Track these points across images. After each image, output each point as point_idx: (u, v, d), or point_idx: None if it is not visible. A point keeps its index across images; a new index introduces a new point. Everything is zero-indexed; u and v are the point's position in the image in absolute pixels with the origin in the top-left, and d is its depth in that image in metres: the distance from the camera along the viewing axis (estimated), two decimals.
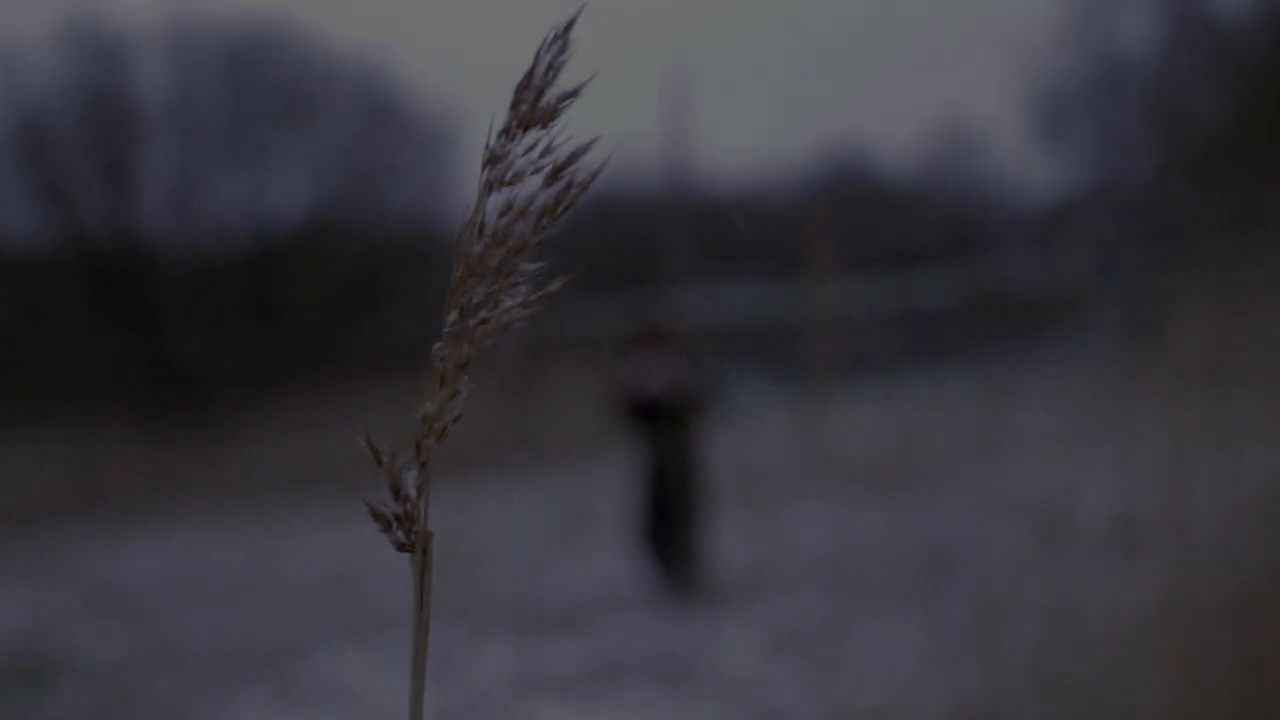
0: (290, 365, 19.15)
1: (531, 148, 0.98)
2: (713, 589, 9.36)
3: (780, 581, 9.44)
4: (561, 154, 0.97)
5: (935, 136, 38.09)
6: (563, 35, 0.98)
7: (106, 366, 19.20)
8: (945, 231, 28.29)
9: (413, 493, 0.98)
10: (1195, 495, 5.31)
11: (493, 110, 1.00)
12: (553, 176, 0.97)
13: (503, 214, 0.97)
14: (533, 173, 0.97)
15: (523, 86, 0.98)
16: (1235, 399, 6.01)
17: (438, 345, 0.98)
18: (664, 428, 9.27)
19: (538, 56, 0.98)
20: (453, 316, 0.97)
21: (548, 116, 0.98)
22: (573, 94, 0.98)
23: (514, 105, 0.98)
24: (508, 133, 0.98)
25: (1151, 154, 25.57)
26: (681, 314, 11.98)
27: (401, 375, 18.48)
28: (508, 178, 0.97)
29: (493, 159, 0.98)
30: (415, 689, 0.98)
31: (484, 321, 0.97)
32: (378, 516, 0.99)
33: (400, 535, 0.98)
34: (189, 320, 20.16)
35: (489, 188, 0.97)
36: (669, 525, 9.30)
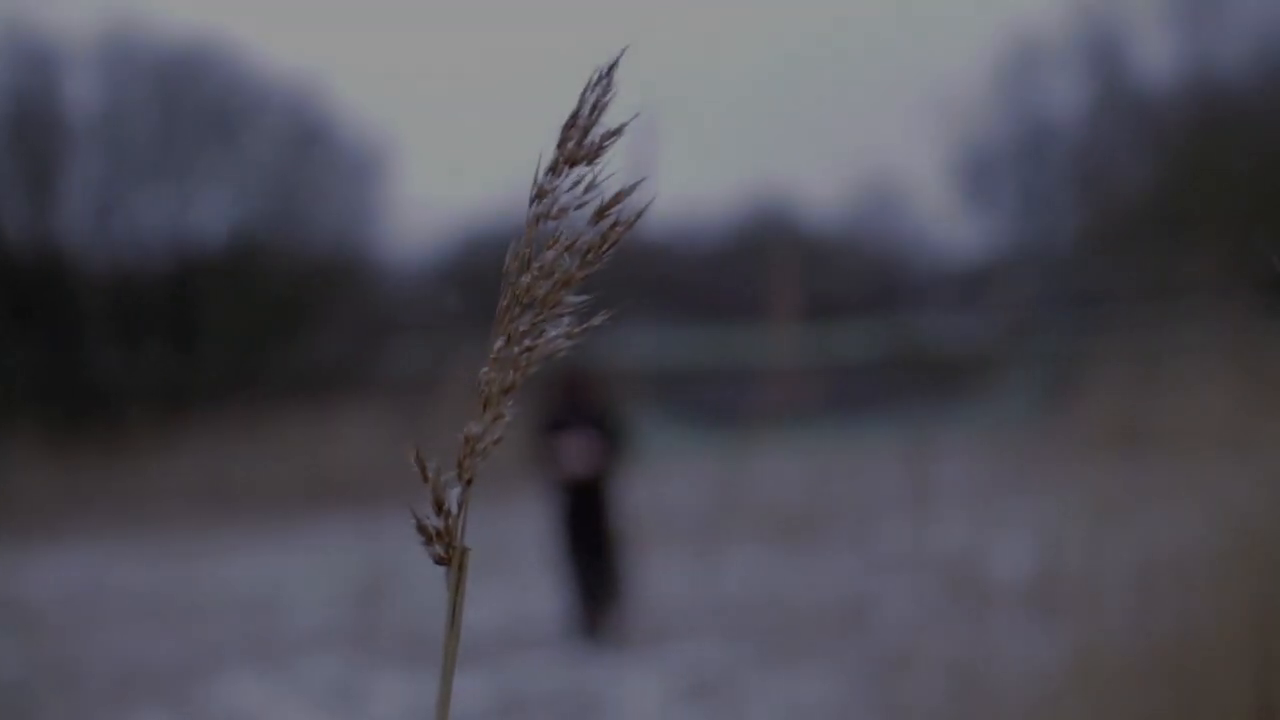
0: (207, 386, 18.98)
1: (576, 184, 1.02)
2: (622, 631, 9.33)
3: (690, 627, 9.43)
4: (606, 192, 1.02)
5: (860, 189, 38.37)
6: (607, 75, 1.02)
7: (19, 378, 18.95)
8: (867, 284, 28.48)
9: (455, 509, 1.03)
10: (1106, 558, 5.36)
11: (422, 141, 1.02)
12: (598, 215, 1.02)
13: (549, 247, 1.02)
14: (577, 208, 1.02)
15: (568, 125, 1.02)
16: (1149, 464, 6.08)
17: (483, 369, 1.02)
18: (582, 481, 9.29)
19: (583, 95, 1.02)
20: (499, 343, 1.02)
21: (592, 154, 1.02)
22: (616, 133, 1.02)
23: (560, 143, 1.02)
24: (554, 169, 1.02)
25: (1073, 219, 25.88)
26: (605, 355, 11.98)
27: (319, 401, 18.38)
28: (553, 212, 1.02)
29: (540, 194, 1.02)
30: (443, 696, 1.03)
31: (529, 349, 1.02)
32: (421, 529, 1.02)
33: (439, 549, 1.02)
34: (106, 336, 19.95)
35: (536, 221, 1.02)
36: (586, 565, 9.28)
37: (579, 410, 9.30)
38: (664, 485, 14.42)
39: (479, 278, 29.17)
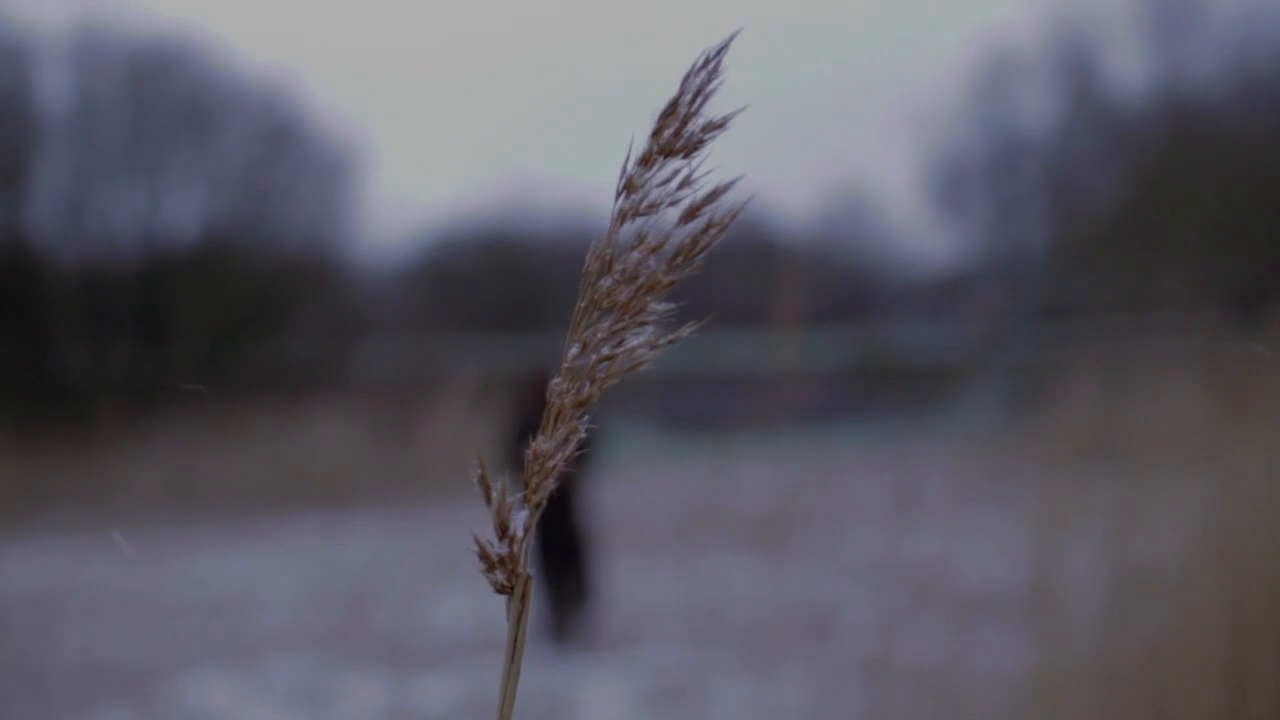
0: (175, 384, 18.91)
1: (670, 178, 0.92)
2: (589, 635, 9.34)
3: (657, 632, 9.44)
4: (702, 189, 0.91)
5: (832, 199, 38.46)
6: (714, 60, 0.91)
7: None
8: (838, 293, 28.54)
9: (520, 533, 0.93)
10: (1076, 568, 5.38)
11: (394, 139, 0.96)
12: (690, 213, 0.91)
13: (635, 248, 0.92)
14: (669, 204, 0.91)
15: (666, 113, 0.91)
16: (1118, 475, 6.11)
17: (555, 380, 0.94)
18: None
19: (685, 82, 0.91)
20: (573, 351, 0.93)
21: (690, 147, 0.91)
22: (719, 125, 0.92)
23: (655, 132, 0.91)
24: (647, 161, 0.91)
25: (1045, 230, 25.99)
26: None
27: (287, 400, 18.32)
28: (642, 207, 0.91)
29: (629, 186, 0.92)
30: None
31: (607, 359, 0.93)
32: (483, 556, 0.93)
33: (500, 577, 0.92)
34: (76, 332, 19.87)
35: (622, 217, 0.91)
36: (557, 568, 9.27)
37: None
38: (636, 490, 14.42)
39: (450, 277, 29.15)
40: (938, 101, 34.31)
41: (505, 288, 28.58)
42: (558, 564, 9.28)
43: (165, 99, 21.70)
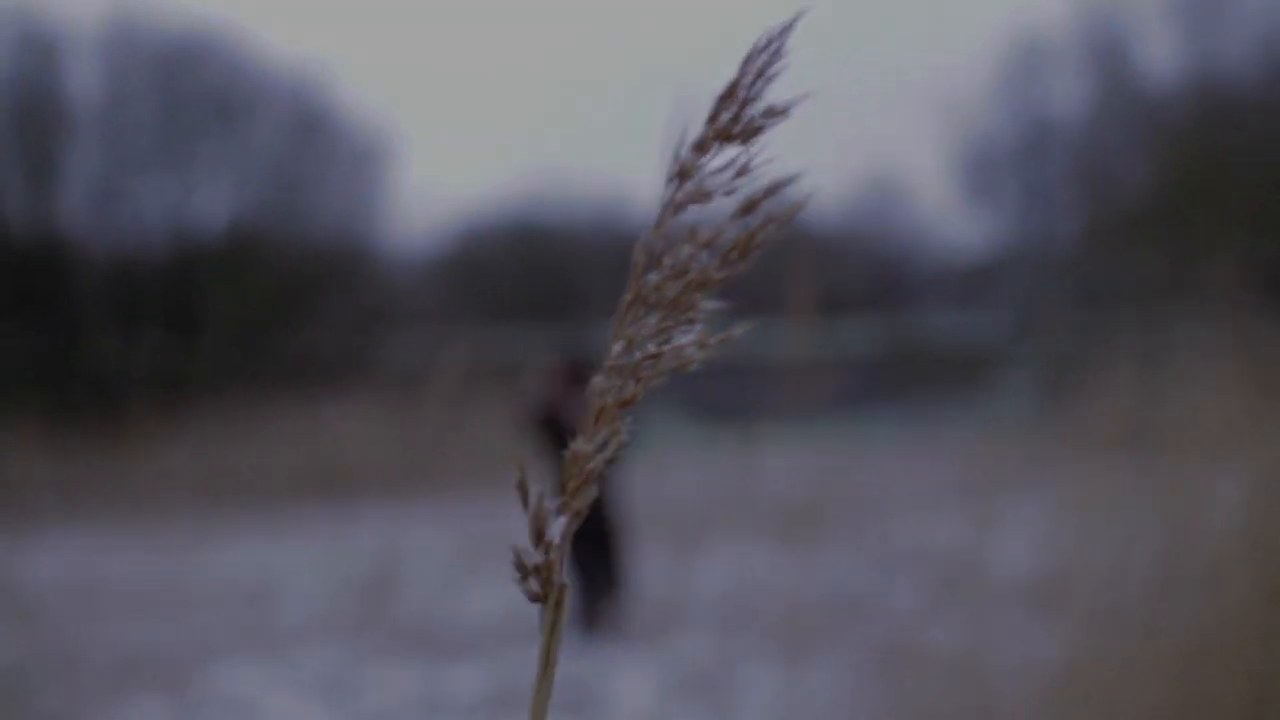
0: (206, 374, 18.97)
1: (726, 166, 0.86)
2: (619, 624, 9.33)
3: (687, 620, 9.42)
4: (760, 180, 0.85)
5: (863, 186, 38.36)
6: (778, 40, 0.86)
7: (18, 365, 18.94)
8: (869, 281, 28.48)
9: (556, 540, 0.89)
10: (1107, 557, 5.35)
11: (423, 130, 0.90)
12: (747, 207, 0.85)
13: (686, 241, 0.85)
14: (725, 194, 0.85)
15: (724, 96, 0.86)
16: (1150, 464, 6.06)
17: (598, 378, 0.87)
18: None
19: (746, 63, 0.85)
20: (617, 348, 0.87)
21: (749, 133, 0.85)
22: (782, 111, 0.86)
23: (712, 116, 0.86)
24: (702, 146, 0.86)
25: (1076, 217, 25.86)
26: (605, 349, 11.93)
27: (317, 390, 18.36)
28: (695, 196, 0.85)
29: (682, 173, 0.86)
30: None
31: (653, 357, 0.87)
32: (519, 565, 0.88)
33: (534, 585, 0.88)
34: (106, 323, 19.93)
35: (674, 207, 0.85)
36: (586, 558, 9.27)
37: (576, 402, 9.28)
38: (667, 479, 14.40)
39: (478, 267, 29.17)
40: (968, 88, 34.19)
41: (533, 278, 28.59)
42: (588, 553, 9.27)
43: (195, 91, 21.76)
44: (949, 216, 36.92)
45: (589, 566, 9.28)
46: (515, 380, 14.43)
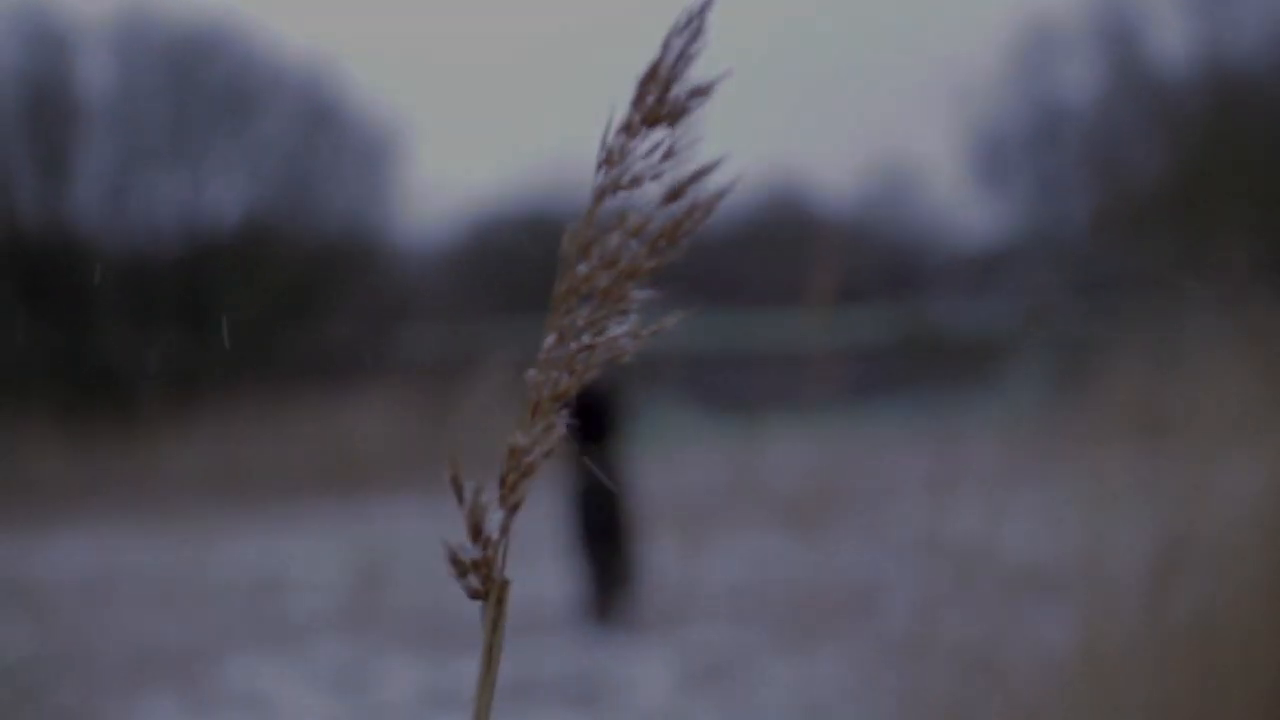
0: (219, 369, 18.98)
1: (654, 149, 0.85)
2: (632, 615, 9.32)
3: (700, 611, 9.41)
4: (685, 165, 0.85)
5: (874, 174, 38.29)
6: (697, 18, 0.85)
7: (31, 360, 18.96)
8: (880, 269, 28.43)
9: (495, 535, 0.87)
10: (1116, 545, 5.33)
11: (435, 123, 0.90)
12: (673, 194, 0.84)
13: (614, 229, 0.85)
14: (652, 178, 0.85)
15: (647, 77, 0.85)
16: (1164, 450, 6.04)
17: (531, 371, 0.87)
18: (589, 444, 9.20)
19: (667, 43, 0.85)
20: (549, 341, 0.87)
21: (675, 114, 0.85)
22: (704, 91, 0.85)
23: (637, 99, 0.85)
24: (629, 129, 0.85)
25: (1088, 204, 25.80)
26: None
27: (330, 384, 18.37)
28: (625, 181, 0.85)
29: (609, 159, 0.85)
30: None
31: (587, 349, 0.87)
32: (454, 561, 0.87)
33: (474, 582, 0.87)
34: (119, 318, 19.95)
35: (602, 193, 0.85)
36: (598, 548, 9.26)
37: (583, 393, 9.26)
38: (677, 470, 14.39)
39: (492, 260, 29.16)
40: (979, 74, 34.11)
41: (547, 270, 28.55)
42: (599, 545, 9.26)
43: (206, 84, 21.76)
44: (961, 204, 36.82)
45: (601, 557, 9.28)
46: (519, 371, 14.39)
